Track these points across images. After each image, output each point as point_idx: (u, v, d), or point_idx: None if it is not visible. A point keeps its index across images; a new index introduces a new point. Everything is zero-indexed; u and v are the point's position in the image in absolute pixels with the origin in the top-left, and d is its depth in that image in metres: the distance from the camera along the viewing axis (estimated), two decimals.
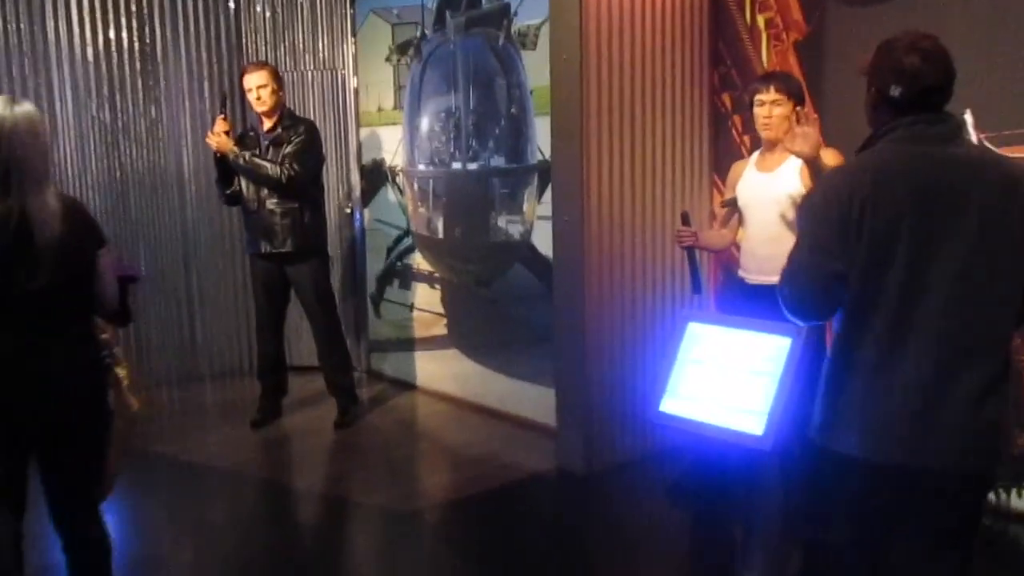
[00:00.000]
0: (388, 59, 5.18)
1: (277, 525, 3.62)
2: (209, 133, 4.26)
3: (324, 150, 4.58)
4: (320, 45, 5.46)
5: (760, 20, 3.88)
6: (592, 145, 3.59)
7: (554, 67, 3.66)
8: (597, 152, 3.61)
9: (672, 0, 3.84)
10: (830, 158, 2.98)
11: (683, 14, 3.89)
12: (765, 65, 3.85)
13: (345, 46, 5.44)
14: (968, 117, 3.11)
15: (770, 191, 3.11)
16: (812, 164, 2.78)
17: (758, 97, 3.10)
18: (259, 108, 4.30)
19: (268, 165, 4.20)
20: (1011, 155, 3.08)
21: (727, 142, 4.03)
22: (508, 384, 4.55)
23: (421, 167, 4.97)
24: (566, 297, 3.76)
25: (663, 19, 3.81)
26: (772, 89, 3.06)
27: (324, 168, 4.60)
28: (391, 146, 5.21)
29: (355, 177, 5.48)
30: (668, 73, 3.86)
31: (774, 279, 3.19)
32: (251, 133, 4.38)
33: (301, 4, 5.43)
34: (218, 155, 4.26)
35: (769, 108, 3.06)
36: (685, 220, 3.20)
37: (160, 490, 3.85)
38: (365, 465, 4.18)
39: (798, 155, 2.76)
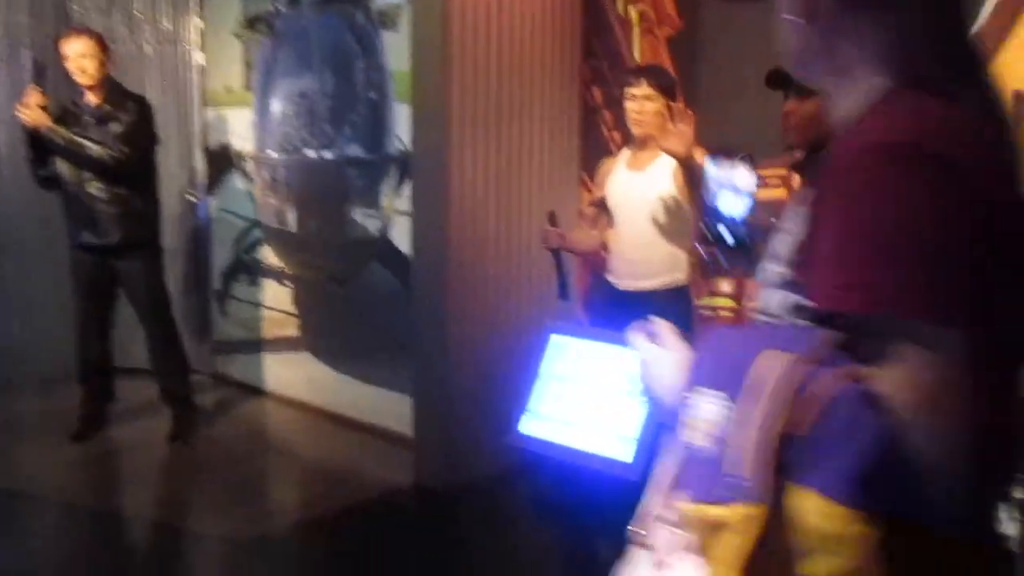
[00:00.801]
0: (237, 34, 4.74)
1: (99, 560, 3.15)
2: (20, 106, 3.72)
3: (162, 131, 4.12)
4: (160, 15, 4.94)
5: (632, 13, 3.72)
6: (455, 136, 3.33)
7: (416, 51, 3.36)
8: (460, 143, 3.35)
9: None
10: (702, 157, 2.83)
11: (554, 2, 3.68)
12: (637, 59, 3.69)
13: (189, 18, 4.95)
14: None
15: (641, 191, 2.94)
16: (686, 163, 2.62)
17: (629, 91, 2.92)
18: (82, 80, 3.80)
19: (92, 145, 3.71)
20: None
21: (597, 138, 3.85)
22: (364, 391, 4.22)
23: (272, 153, 4.56)
24: (426, 298, 3.48)
25: (532, 6, 3.58)
26: (644, 83, 2.88)
27: (160, 151, 4.13)
28: (240, 129, 4.77)
29: (199, 162, 5.01)
30: (537, 63, 3.64)
31: (646, 284, 3.04)
32: (73, 108, 3.87)
33: None
34: (32, 131, 3.73)
35: (640, 103, 2.88)
36: (552, 220, 2.98)
37: None
38: (204, 484, 3.78)
39: (671, 154, 2.59)
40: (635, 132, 2.93)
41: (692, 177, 2.66)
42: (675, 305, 2.93)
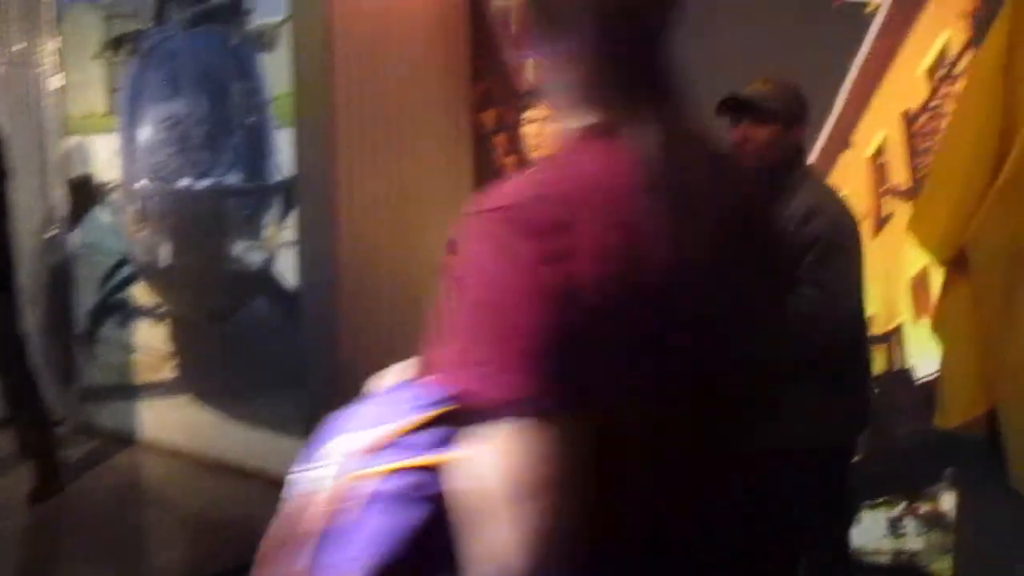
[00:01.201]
0: (99, 56, 4.40)
1: None
2: None
3: (15, 161, 3.76)
4: (10, 35, 4.54)
5: None
6: (342, 161, 3.15)
7: (297, 72, 3.17)
8: (348, 168, 3.17)
9: (430, 7, 3.50)
10: None
11: (441, 22, 3.56)
12: (528, 80, 3.61)
13: (43, 38, 4.56)
14: None
15: None
16: None
17: (528, 114, 2.82)
18: None
19: None
20: None
21: (490, 163, 3.74)
22: (252, 435, 3.94)
23: (142, 183, 4.24)
24: (316, 333, 3.27)
25: (420, 26, 3.46)
26: (544, 104, 2.79)
27: (13, 183, 3.76)
28: (106, 158, 4.42)
29: (59, 194, 4.61)
30: (426, 85, 3.50)
31: None
32: None
33: None
34: None
35: (540, 126, 2.78)
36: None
37: None
38: (75, 548, 3.42)
39: None
40: (535, 158, 2.83)
41: None
42: None
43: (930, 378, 2.89)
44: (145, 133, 4.19)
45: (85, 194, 4.55)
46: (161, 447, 4.33)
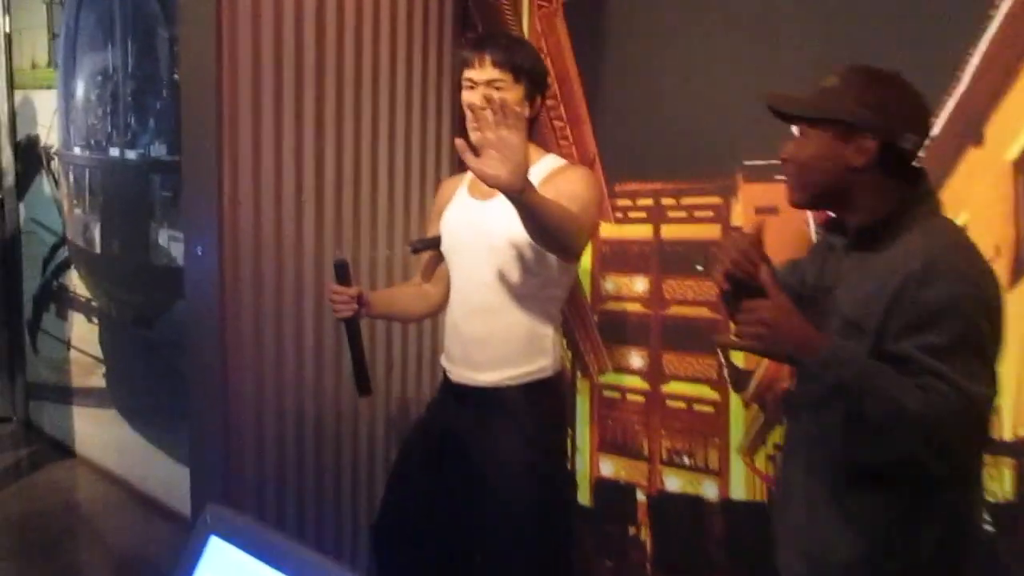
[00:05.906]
0: None
1: None
2: None
3: None
4: None
5: None
6: (243, 138, 2.27)
7: (185, 11, 2.31)
8: (254, 150, 2.29)
9: None
10: (571, 182, 1.80)
11: None
12: (527, 35, 2.65)
13: None
14: None
15: (484, 230, 1.89)
16: (518, 201, 1.57)
17: (467, 75, 1.87)
18: None
19: None
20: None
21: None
22: (173, 469, 3.18)
23: (76, 151, 3.52)
24: (201, 361, 2.43)
25: None
26: (488, 62, 1.83)
27: None
28: (47, 118, 3.73)
29: (7, 157, 3.96)
30: (387, 37, 2.59)
31: (486, 378, 1.99)
32: None
33: None
34: None
35: (481, 92, 1.83)
36: (341, 275, 1.92)
37: None
38: None
39: (489, 182, 1.55)
40: (475, 141, 1.87)
41: (534, 222, 1.62)
42: (534, 408, 1.90)
43: None
44: (80, 89, 3.45)
45: (31, 159, 3.88)
46: (94, 465, 3.64)
